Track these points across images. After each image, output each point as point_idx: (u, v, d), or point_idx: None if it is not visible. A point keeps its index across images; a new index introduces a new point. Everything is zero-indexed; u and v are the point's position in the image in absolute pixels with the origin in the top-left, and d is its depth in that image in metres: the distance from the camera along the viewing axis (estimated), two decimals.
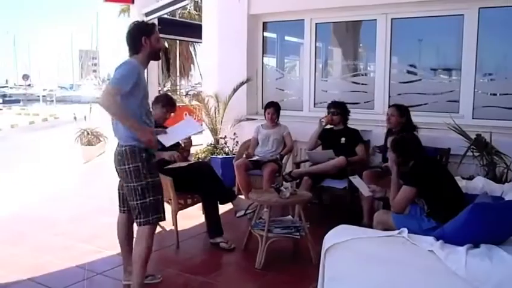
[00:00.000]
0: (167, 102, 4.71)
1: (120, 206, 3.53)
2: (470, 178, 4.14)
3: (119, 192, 3.48)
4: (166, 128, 4.70)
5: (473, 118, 5.46)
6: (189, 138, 4.69)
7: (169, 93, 7.66)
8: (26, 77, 42.81)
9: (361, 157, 5.27)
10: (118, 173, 3.29)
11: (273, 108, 5.79)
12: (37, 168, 8.96)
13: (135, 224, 3.32)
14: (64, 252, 4.30)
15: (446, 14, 5.65)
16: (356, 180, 3.97)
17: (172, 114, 4.74)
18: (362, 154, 5.30)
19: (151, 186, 3.19)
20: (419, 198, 3.36)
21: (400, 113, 4.91)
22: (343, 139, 5.33)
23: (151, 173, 3.22)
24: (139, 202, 3.17)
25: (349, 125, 5.49)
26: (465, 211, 2.49)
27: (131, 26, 3.29)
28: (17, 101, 38.07)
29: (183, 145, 4.72)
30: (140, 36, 3.19)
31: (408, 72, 6.15)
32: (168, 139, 3.72)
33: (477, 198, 3.25)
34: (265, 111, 5.88)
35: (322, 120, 5.39)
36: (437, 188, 3.28)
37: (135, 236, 3.37)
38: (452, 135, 4.82)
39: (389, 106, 5.30)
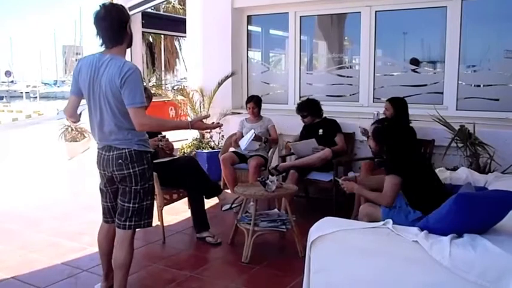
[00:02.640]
0: None
1: (105, 216, 3.22)
2: (455, 169, 4.18)
3: (103, 204, 3.19)
4: None
5: (457, 109, 5.51)
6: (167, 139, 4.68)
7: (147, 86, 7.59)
8: (8, 73, 42.17)
9: (341, 146, 5.30)
10: (115, 178, 2.97)
11: (253, 102, 5.81)
12: (21, 166, 8.86)
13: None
14: (49, 250, 4.26)
15: (430, 6, 5.68)
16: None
17: (147, 99, 4.62)
18: (342, 144, 5.33)
19: (151, 188, 3.09)
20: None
21: (395, 108, 4.92)
22: (320, 131, 5.35)
23: (152, 174, 3.12)
24: (137, 205, 2.98)
25: (332, 117, 5.52)
26: (449, 201, 2.51)
27: (114, 10, 2.85)
28: (0, 98, 37.58)
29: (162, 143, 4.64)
30: (126, 23, 2.86)
31: (392, 64, 6.18)
32: None
33: (461, 189, 3.28)
34: (246, 106, 5.90)
35: None
36: (417, 178, 3.30)
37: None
38: (437, 127, 4.86)
39: (374, 100, 5.32)
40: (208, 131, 6.77)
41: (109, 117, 2.85)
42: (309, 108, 5.46)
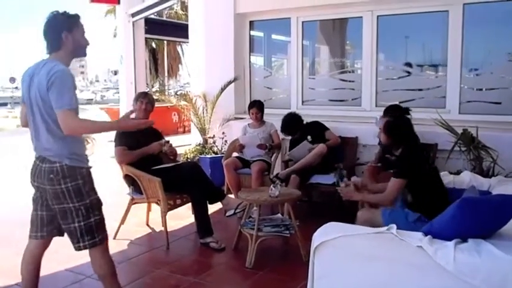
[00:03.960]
0: (138, 95, 4.80)
1: (34, 231, 3.03)
2: (458, 173, 4.17)
3: (35, 214, 2.99)
4: (153, 128, 4.69)
5: (459, 113, 5.51)
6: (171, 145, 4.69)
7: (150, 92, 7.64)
8: (12, 80, 42.37)
9: (335, 139, 5.36)
10: (47, 193, 2.79)
11: (256, 108, 5.81)
12: (24, 172, 8.86)
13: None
14: (52, 256, 4.23)
15: (432, 10, 5.69)
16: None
17: (148, 104, 4.65)
18: (334, 137, 5.38)
19: (95, 204, 2.83)
20: (404, 189, 3.38)
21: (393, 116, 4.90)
22: (309, 137, 5.35)
23: (93, 189, 2.85)
24: (83, 223, 2.77)
25: (307, 121, 5.55)
26: (453, 206, 2.50)
27: (50, 17, 2.78)
28: (4, 104, 37.68)
29: (166, 148, 4.66)
30: (60, 31, 2.72)
31: (394, 68, 6.19)
32: None
33: (464, 193, 3.26)
34: (249, 111, 5.89)
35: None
36: (422, 178, 3.32)
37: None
38: (439, 131, 4.85)
39: (376, 104, 5.31)
40: (211, 135, 6.78)
41: (41, 124, 2.72)
42: (291, 127, 5.47)
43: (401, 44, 6.34)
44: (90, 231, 2.82)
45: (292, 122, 5.50)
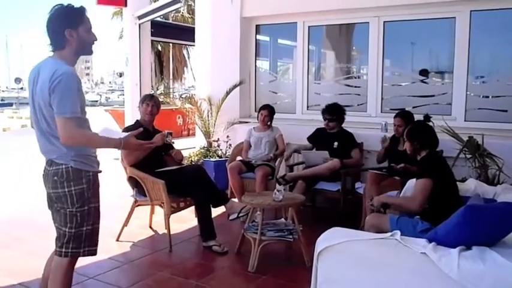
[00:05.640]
0: (144, 97, 4.77)
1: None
2: (463, 180, 4.15)
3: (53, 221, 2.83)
4: (155, 129, 4.70)
5: (465, 120, 5.49)
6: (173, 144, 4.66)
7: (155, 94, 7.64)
8: (18, 80, 42.59)
9: (356, 160, 5.29)
10: (51, 198, 2.72)
11: (267, 111, 5.77)
12: (30, 172, 8.89)
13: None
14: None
15: (438, 17, 5.68)
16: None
17: (154, 107, 4.65)
18: (358, 157, 5.32)
19: (92, 212, 2.68)
20: None
21: (406, 122, 4.88)
22: (335, 143, 5.32)
23: (95, 195, 2.71)
24: (73, 230, 2.63)
25: (344, 127, 5.50)
26: (457, 213, 2.49)
27: (52, 13, 2.59)
28: (10, 104, 37.87)
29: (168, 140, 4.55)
30: (63, 29, 2.56)
31: (400, 75, 6.18)
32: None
33: (469, 200, 3.25)
34: (258, 112, 5.85)
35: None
36: (443, 184, 3.30)
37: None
38: (445, 138, 4.81)
39: (382, 110, 5.29)
40: (216, 139, 6.78)
41: (44, 126, 2.61)
42: (339, 112, 5.42)
43: (408, 50, 6.33)
44: (78, 239, 2.66)
45: (338, 107, 5.44)
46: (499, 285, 2.17)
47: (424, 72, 5.99)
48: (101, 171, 2.77)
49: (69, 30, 2.56)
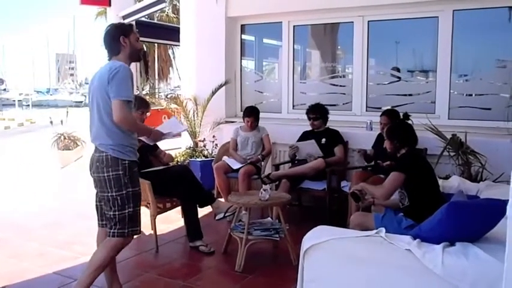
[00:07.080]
0: (141, 103, 4.56)
1: (99, 219, 3.30)
2: (447, 177, 4.21)
3: (97, 205, 3.25)
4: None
5: (449, 118, 5.56)
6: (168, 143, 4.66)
7: (141, 94, 7.58)
8: (1, 81, 42.11)
9: (339, 157, 5.31)
10: (94, 181, 3.15)
11: (253, 118, 5.69)
12: (13, 174, 8.80)
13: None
14: (40, 259, 4.23)
15: (422, 16, 5.73)
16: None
17: (148, 114, 4.67)
18: (340, 155, 5.34)
19: (131, 196, 3.06)
20: (401, 190, 3.40)
21: (392, 120, 4.92)
22: (323, 140, 5.36)
23: (133, 181, 3.09)
24: (117, 213, 3.03)
25: (330, 127, 5.53)
26: (441, 210, 2.52)
27: (109, 27, 3.21)
28: None
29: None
30: (118, 36, 3.10)
31: (385, 74, 6.23)
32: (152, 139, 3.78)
33: (453, 197, 3.29)
34: (244, 118, 5.78)
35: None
36: (421, 181, 3.34)
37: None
38: (429, 136, 4.88)
39: (367, 109, 5.32)
40: (202, 139, 6.78)
41: (96, 115, 3.04)
42: (321, 112, 5.47)
43: (392, 49, 6.38)
44: (123, 221, 3.05)
45: (321, 106, 5.50)
46: (482, 280, 2.20)
47: (396, 70, 6.06)
48: (137, 161, 3.17)
49: (123, 37, 3.10)
